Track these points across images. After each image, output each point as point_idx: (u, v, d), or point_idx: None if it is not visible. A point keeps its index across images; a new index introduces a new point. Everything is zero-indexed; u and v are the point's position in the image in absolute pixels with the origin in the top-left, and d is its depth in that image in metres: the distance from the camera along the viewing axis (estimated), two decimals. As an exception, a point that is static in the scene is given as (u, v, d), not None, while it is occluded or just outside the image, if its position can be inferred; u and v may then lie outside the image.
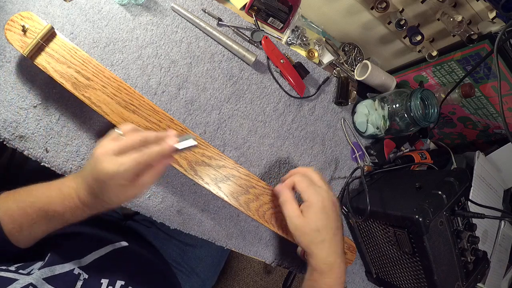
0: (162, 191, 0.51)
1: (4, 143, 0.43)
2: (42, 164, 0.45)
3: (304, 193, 0.45)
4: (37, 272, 0.39)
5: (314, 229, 0.43)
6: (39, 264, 0.42)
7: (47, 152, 0.45)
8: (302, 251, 0.51)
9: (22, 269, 0.40)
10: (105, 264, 0.48)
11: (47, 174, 0.59)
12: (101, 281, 0.44)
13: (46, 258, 0.42)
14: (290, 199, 0.46)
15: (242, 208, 0.48)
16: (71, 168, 0.46)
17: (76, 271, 0.43)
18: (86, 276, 0.43)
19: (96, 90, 0.43)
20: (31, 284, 0.37)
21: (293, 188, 0.47)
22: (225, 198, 0.47)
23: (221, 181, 0.47)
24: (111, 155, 0.33)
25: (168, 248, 0.68)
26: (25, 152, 0.44)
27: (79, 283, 0.42)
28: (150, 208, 0.50)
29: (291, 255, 0.60)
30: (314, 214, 0.44)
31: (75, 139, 0.46)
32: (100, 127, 0.48)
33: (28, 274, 0.38)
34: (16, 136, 0.43)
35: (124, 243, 0.55)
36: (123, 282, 0.46)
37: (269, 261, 0.59)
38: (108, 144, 0.34)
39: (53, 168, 0.45)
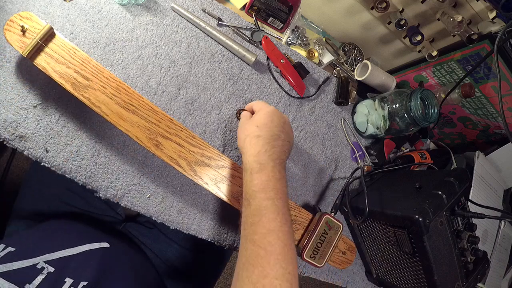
0: (162, 191, 0.51)
1: (4, 143, 0.43)
2: (42, 164, 0.45)
3: (256, 105, 0.50)
4: None
5: (253, 125, 0.46)
6: None
7: (47, 152, 0.45)
8: None
9: None
10: (76, 262, 0.46)
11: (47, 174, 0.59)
12: (65, 280, 0.42)
13: (6, 253, 0.41)
14: (247, 114, 0.51)
15: (241, 207, 0.48)
16: (71, 168, 0.46)
17: (41, 265, 0.41)
18: (51, 269, 0.41)
19: (95, 90, 0.42)
20: None
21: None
22: (225, 199, 0.47)
23: (221, 181, 0.47)
24: None
25: (168, 252, 0.67)
26: (25, 152, 0.44)
27: (40, 277, 0.40)
28: (150, 208, 0.50)
29: (291, 255, 0.60)
30: (258, 115, 0.47)
31: (75, 139, 0.46)
32: (99, 127, 0.48)
33: None
34: (16, 136, 0.43)
35: (105, 244, 0.53)
36: (85, 283, 0.43)
37: (269, 261, 0.59)
38: None
39: (53, 168, 0.45)
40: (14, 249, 0.42)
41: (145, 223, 0.68)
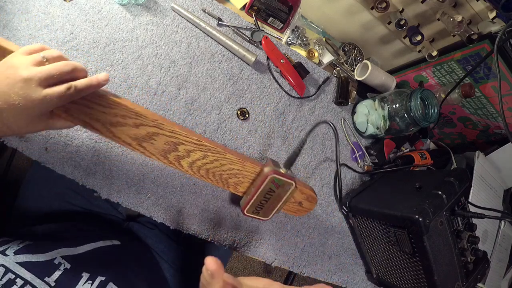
0: (162, 191, 0.51)
1: (4, 143, 0.43)
2: (42, 164, 0.45)
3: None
4: (12, 256, 0.39)
5: None
6: (17, 243, 0.41)
7: (47, 152, 0.45)
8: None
9: None
10: (91, 258, 0.47)
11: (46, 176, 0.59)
12: (82, 274, 0.43)
13: (24, 245, 0.41)
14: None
15: (172, 165, 0.45)
16: (71, 168, 0.46)
17: (58, 260, 0.42)
18: (68, 266, 0.43)
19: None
20: (2, 265, 0.37)
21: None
22: (153, 158, 0.44)
23: (144, 140, 0.43)
24: (37, 83, 0.32)
25: (170, 252, 0.67)
26: (25, 152, 0.44)
27: (58, 273, 0.41)
28: (150, 207, 0.50)
29: (291, 256, 0.60)
30: None
31: (75, 139, 0.46)
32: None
33: (3, 253, 0.38)
34: (16, 136, 0.43)
35: (116, 242, 0.54)
36: (103, 278, 0.45)
37: (269, 261, 0.59)
38: (34, 69, 0.32)
39: (53, 168, 0.45)
40: (31, 242, 0.43)
41: (147, 224, 0.68)
